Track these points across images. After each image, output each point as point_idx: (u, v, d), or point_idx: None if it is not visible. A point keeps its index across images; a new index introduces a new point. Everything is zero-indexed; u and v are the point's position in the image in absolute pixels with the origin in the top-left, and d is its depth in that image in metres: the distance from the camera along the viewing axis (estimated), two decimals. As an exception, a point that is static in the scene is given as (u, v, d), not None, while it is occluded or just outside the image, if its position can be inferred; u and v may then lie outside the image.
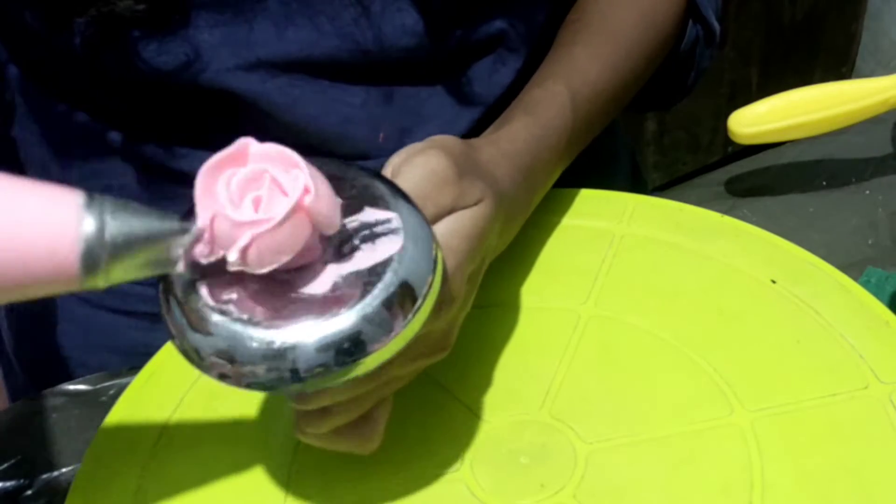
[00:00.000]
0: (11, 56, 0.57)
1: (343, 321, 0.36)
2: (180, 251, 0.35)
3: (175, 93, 0.52)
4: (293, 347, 0.36)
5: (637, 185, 0.76)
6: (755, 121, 0.64)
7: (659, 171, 1.60)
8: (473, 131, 0.57)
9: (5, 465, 0.51)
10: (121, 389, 0.50)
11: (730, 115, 0.65)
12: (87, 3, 0.49)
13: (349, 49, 0.53)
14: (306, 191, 0.35)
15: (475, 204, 0.44)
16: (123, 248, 0.34)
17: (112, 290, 0.61)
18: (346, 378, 0.37)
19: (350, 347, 0.36)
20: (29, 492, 0.50)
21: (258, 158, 0.36)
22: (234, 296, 0.37)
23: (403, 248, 0.38)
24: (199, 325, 0.37)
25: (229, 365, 0.36)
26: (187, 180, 0.36)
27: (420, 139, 0.56)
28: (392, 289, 0.37)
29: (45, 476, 0.50)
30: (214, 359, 0.36)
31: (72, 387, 0.55)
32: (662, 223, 0.56)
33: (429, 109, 0.56)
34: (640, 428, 0.45)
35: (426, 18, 0.53)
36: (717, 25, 0.62)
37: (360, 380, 0.40)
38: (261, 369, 0.36)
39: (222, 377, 0.37)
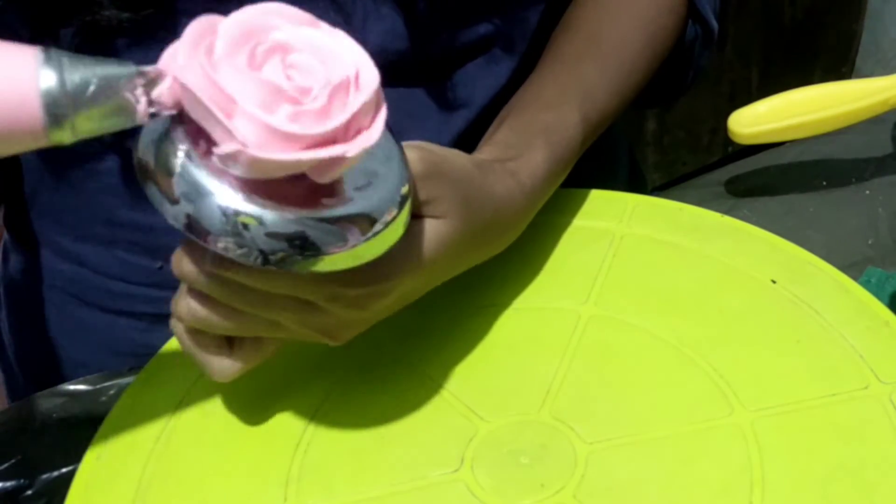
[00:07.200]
0: None
1: (293, 219, 0.37)
2: (140, 93, 0.35)
3: None
4: (246, 227, 0.36)
5: (637, 185, 0.76)
6: (755, 121, 0.64)
7: (659, 171, 1.60)
8: (468, 133, 0.57)
9: (5, 465, 0.51)
10: (121, 389, 0.50)
11: (730, 115, 0.65)
12: (71, 13, 0.49)
13: None
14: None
15: (437, 217, 0.43)
16: (84, 94, 0.34)
17: (112, 290, 0.62)
18: (310, 269, 0.38)
19: (300, 244, 0.37)
20: (29, 492, 0.50)
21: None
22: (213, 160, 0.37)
23: (375, 172, 0.39)
24: (169, 189, 0.37)
25: (205, 235, 0.37)
26: None
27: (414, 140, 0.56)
28: (353, 209, 0.38)
29: (45, 476, 0.50)
30: (186, 231, 0.37)
31: (72, 387, 0.55)
32: (662, 223, 0.56)
33: (419, 112, 0.56)
34: (640, 428, 0.45)
35: (410, 23, 0.53)
36: (715, 25, 0.62)
37: (240, 294, 0.40)
38: (230, 242, 0.36)
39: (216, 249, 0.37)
